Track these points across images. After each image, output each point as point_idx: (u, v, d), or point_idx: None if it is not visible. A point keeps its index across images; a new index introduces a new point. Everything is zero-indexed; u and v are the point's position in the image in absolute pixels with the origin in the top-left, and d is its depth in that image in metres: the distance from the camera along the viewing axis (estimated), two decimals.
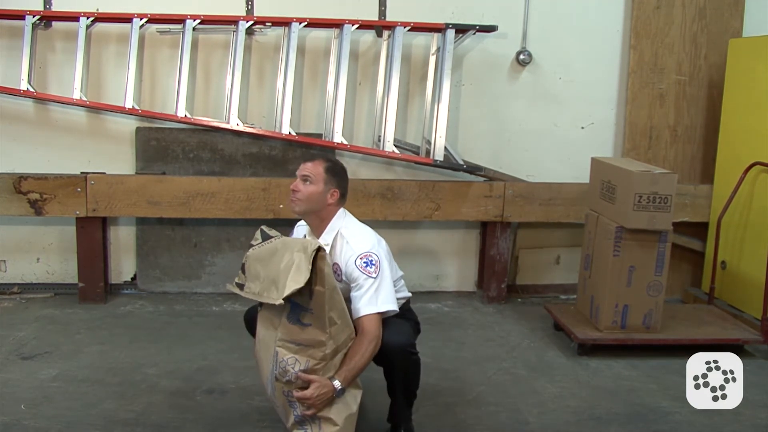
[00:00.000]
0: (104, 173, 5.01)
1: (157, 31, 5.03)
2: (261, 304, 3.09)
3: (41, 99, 4.97)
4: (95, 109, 5.03)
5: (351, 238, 3.13)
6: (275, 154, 5.22)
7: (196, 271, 5.32)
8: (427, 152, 5.03)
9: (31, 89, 4.83)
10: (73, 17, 4.84)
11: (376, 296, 3.03)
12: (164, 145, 5.15)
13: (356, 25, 4.98)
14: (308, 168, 3.19)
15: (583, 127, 5.55)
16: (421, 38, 5.22)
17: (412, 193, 5.13)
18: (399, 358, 3.08)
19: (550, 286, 5.69)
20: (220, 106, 5.08)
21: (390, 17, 5.13)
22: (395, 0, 5.16)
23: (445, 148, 5.00)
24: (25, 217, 4.98)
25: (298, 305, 2.86)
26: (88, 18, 4.84)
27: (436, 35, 5.10)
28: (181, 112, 4.91)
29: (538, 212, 5.30)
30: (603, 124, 5.57)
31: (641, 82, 5.45)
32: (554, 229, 5.59)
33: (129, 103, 4.87)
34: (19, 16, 4.80)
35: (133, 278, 5.35)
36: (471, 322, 5.02)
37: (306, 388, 2.88)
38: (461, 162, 5.08)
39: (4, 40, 4.97)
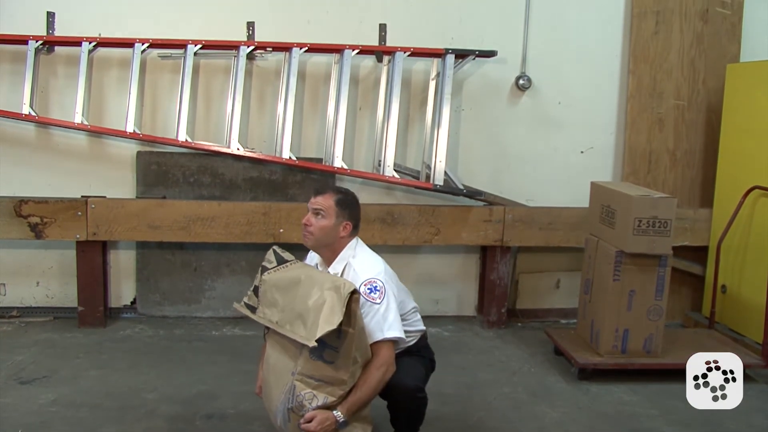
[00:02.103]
0: (105, 197, 5.01)
1: (159, 56, 5.06)
2: (267, 329, 3.07)
3: (43, 123, 4.98)
4: (96, 133, 5.05)
5: (358, 266, 3.10)
6: (276, 179, 5.23)
7: (195, 295, 5.31)
8: (427, 177, 5.04)
9: (33, 113, 4.85)
10: (76, 42, 4.88)
11: (382, 323, 2.99)
12: (165, 169, 5.16)
13: (356, 51, 5.01)
14: (319, 202, 3.14)
15: (582, 152, 5.57)
16: (421, 63, 5.25)
17: (412, 218, 5.13)
18: (406, 400, 3.06)
19: (551, 311, 5.68)
20: (220, 130, 5.10)
21: (390, 42, 5.16)
22: (395, 25, 5.19)
23: (445, 172, 5.01)
24: (26, 240, 4.98)
25: (324, 343, 2.81)
26: (90, 43, 4.88)
27: (436, 60, 5.13)
28: (182, 137, 4.92)
29: (538, 237, 5.30)
30: (602, 148, 5.59)
31: (640, 107, 5.47)
32: (554, 254, 5.59)
33: (130, 128, 4.88)
34: (23, 41, 4.83)
35: (133, 302, 5.34)
36: (471, 347, 5.00)
37: (310, 420, 2.85)
38: (461, 187, 5.09)
39: (7, 64, 5.00)
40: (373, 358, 2.95)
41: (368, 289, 3.03)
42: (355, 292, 2.80)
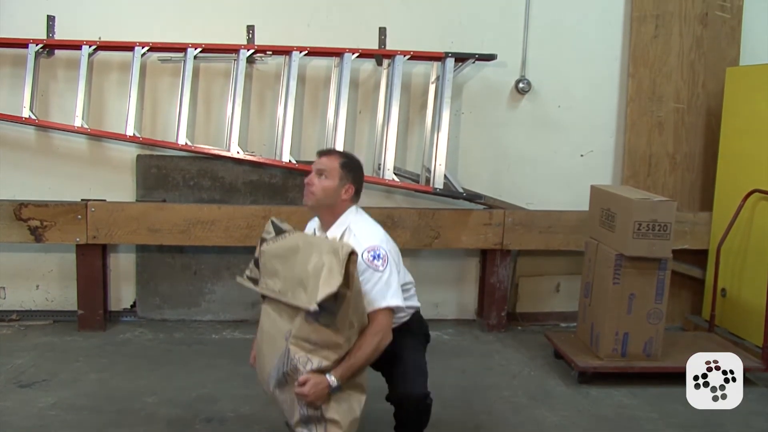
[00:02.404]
0: (105, 200, 5.01)
1: (159, 60, 5.07)
2: (264, 296, 3.05)
3: (43, 126, 4.99)
4: (96, 136, 5.05)
5: (359, 232, 3.07)
6: (275, 182, 5.23)
7: (195, 298, 5.31)
8: (427, 180, 5.05)
9: (33, 117, 4.85)
10: (76, 46, 4.88)
11: (384, 290, 2.98)
12: (165, 172, 5.16)
13: (356, 54, 5.02)
14: (323, 162, 3.15)
15: (582, 155, 5.57)
16: (420, 67, 5.25)
17: (412, 221, 5.13)
18: (415, 411, 3.06)
19: (551, 314, 5.67)
20: (220, 133, 5.11)
21: (390, 46, 5.16)
22: (395, 29, 5.20)
23: (445, 176, 5.01)
24: (25, 244, 4.98)
25: (320, 306, 2.77)
26: (90, 46, 4.88)
27: (435, 64, 5.14)
28: (182, 140, 4.93)
29: (538, 240, 5.30)
30: (602, 151, 5.59)
31: (640, 110, 5.48)
32: (554, 257, 5.59)
33: (130, 131, 4.89)
34: (23, 44, 4.84)
35: (133, 305, 5.34)
36: (471, 350, 5.00)
37: (303, 384, 2.82)
38: (461, 190, 5.10)
39: (7, 67, 5.00)
40: (370, 325, 2.93)
41: (371, 255, 3.00)
42: (353, 254, 2.77)
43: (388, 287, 2.99)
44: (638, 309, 4.36)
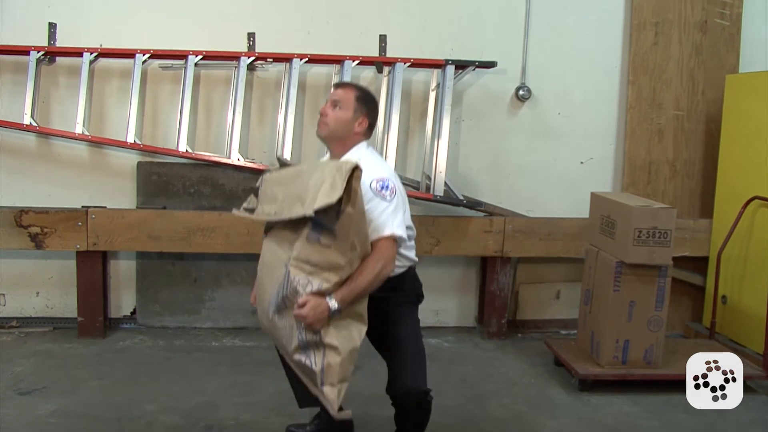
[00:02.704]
0: (105, 207, 5.01)
1: (160, 67, 5.08)
2: (266, 232, 3.01)
3: (44, 133, 4.99)
4: (97, 143, 5.06)
5: (369, 164, 2.99)
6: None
7: (195, 306, 5.31)
8: (428, 187, 5.05)
9: (34, 123, 4.86)
10: (77, 53, 4.89)
11: (390, 220, 2.95)
12: (165, 179, 5.16)
13: (357, 62, 5.02)
14: (339, 94, 3.13)
15: (582, 162, 5.58)
16: (421, 74, 5.26)
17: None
18: (414, 407, 3.04)
19: (551, 321, 5.67)
20: (221, 141, 5.11)
21: (390, 53, 5.17)
22: (395, 36, 5.20)
23: (445, 183, 5.02)
24: (26, 250, 4.98)
25: (321, 224, 2.72)
26: (91, 53, 4.89)
27: (435, 71, 5.15)
28: (183, 147, 4.93)
29: (538, 247, 5.30)
30: (602, 158, 5.60)
31: (640, 118, 5.48)
32: (554, 264, 5.59)
33: (131, 138, 4.89)
34: (24, 51, 4.85)
35: (133, 312, 5.33)
36: (471, 358, 5.00)
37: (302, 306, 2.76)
38: (461, 197, 5.10)
39: (8, 75, 5.01)
40: (373, 252, 2.90)
41: (379, 185, 2.98)
42: (357, 169, 2.72)
43: (394, 217, 2.97)
44: (639, 316, 4.35)
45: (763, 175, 4.86)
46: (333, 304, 2.77)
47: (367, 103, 3.16)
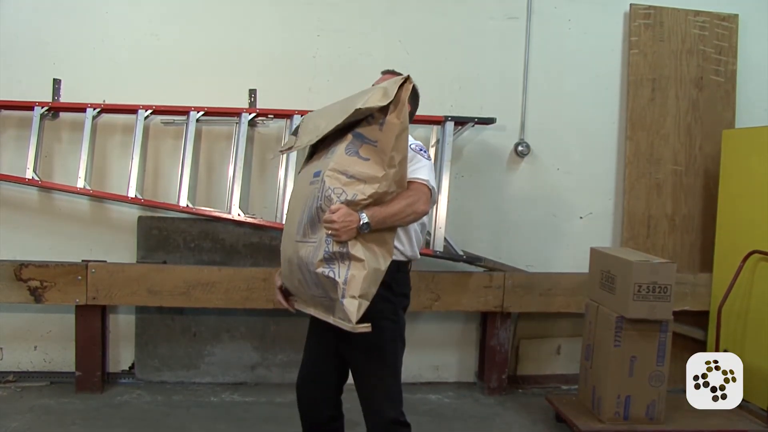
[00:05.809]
0: (105, 261, 5.02)
1: (162, 122, 5.13)
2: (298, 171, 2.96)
3: (46, 187, 5.02)
4: (98, 197, 5.09)
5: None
6: (276, 245, 5.17)
7: (194, 360, 5.27)
8: (427, 243, 5.05)
9: (36, 178, 4.89)
10: (81, 108, 4.95)
11: (427, 173, 2.97)
12: (166, 234, 5.18)
13: None
14: (382, 80, 3.17)
15: (581, 217, 5.60)
16: (421, 130, 5.31)
17: (413, 284, 5.09)
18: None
19: (552, 377, 5.63)
20: (221, 196, 5.14)
21: None
22: None
23: (445, 239, 5.03)
24: (25, 304, 4.97)
25: (362, 136, 2.69)
26: (94, 109, 4.94)
27: (435, 127, 5.20)
28: (183, 202, 4.96)
29: (538, 302, 5.29)
30: (601, 214, 5.62)
31: (638, 173, 5.52)
32: (555, 319, 5.56)
33: (132, 193, 4.92)
34: (29, 107, 4.91)
35: (131, 367, 5.30)
36: (472, 414, 4.95)
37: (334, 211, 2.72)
38: (461, 253, 5.10)
39: (13, 130, 5.06)
40: (408, 188, 2.88)
41: (418, 147, 3.05)
42: (408, 80, 2.72)
43: (430, 173, 2.99)
44: (640, 372, 4.33)
45: (762, 229, 4.88)
46: (363, 217, 2.73)
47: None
